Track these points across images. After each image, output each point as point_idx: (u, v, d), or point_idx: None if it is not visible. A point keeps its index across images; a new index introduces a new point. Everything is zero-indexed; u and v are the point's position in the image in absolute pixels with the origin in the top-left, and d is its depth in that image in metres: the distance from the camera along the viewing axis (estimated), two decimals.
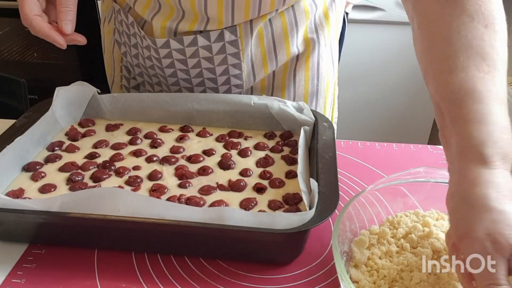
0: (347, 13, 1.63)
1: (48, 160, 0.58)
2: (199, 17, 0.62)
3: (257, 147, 0.62)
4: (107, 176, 0.56)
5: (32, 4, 0.54)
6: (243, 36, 0.64)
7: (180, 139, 0.63)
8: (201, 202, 0.51)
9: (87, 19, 1.63)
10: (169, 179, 0.55)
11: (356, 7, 1.59)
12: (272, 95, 0.71)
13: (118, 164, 0.58)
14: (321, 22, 0.71)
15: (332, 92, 0.79)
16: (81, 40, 0.58)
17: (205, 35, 0.63)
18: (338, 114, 0.86)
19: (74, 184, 0.54)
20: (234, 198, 0.52)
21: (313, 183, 0.49)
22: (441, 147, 0.69)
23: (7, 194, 0.51)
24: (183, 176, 0.56)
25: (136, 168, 0.57)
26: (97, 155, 0.60)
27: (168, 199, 0.51)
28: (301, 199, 0.51)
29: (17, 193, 0.52)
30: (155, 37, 0.64)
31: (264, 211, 0.50)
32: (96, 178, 0.55)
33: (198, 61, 0.65)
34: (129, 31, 0.69)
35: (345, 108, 1.32)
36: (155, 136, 0.64)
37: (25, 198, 0.52)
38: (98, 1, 1.59)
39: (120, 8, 0.69)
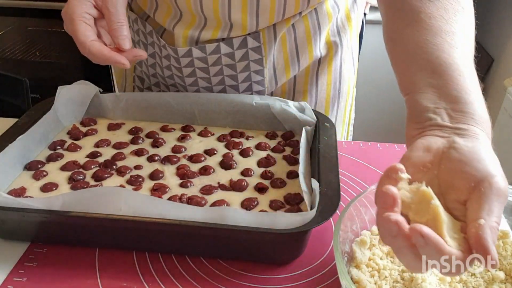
0: (365, 14, 1.63)
1: (50, 159, 0.58)
2: (222, 24, 0.61)
3: (259, 147, 0.62)
4: (108, 175, 0.56)
5: (86, 30, 0.51)
6: (266, 42, 0.64)
7: (182, 138, 0.63)
8: (202, 202, 0.51)
9: None
10: (170, 178, 0.55)
11: (371, 7, 1.59)
12: (293, 100, 0.71)
13: (119, 163, 0.58)
14: (343, 24, 0.70)
15: (352, 95, 0.79)
16: (143, 55, 0.55)
17: (228, 42, 0.63)
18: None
19: (75, 183, 0.54)
20: (235, 198, 0.52)
21: (315, 183, 0.49)
22: None
23: (9, 193, 0.51)
24: (184, 176, 0.56)
25: (137, 167, 0.57)
26: (98, 154, 0.60)
27: (170, 199, 0.51)
28: (302, 199, 0.51)
29: (19, 192, 0.52)
30: (176, 46, 0.64)
31: (265, 211, 0.50)
32: (97, 177, 0.55)
33: (220, 69, 0.65)
34: (146, 41, 0.68)
35: None
36: (156, 135, 0.64)
37: (26, 197, 0.52)
38: None
39: (137, 17, 0.68)
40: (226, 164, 0.58)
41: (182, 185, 0.54)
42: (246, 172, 0.56)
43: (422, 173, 0.36)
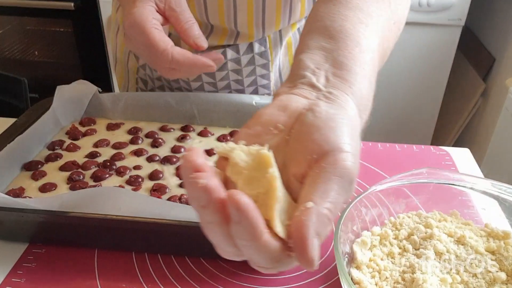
0: None
1: (48, 159, 0.58)
2: (228, 32, 0.61)
3: None
4: (107, 175, 0.55)
5: (163, 37, 0.44)
6: (272, 46, 0.63)
7: (181, 138, 0.63)
8: None
9: (89, 19, 1.63)
10: (170, 178, 0.55)
11: None
12: None
13: (118, 164, 0.58)
14: None
15: None
16: (221, 58, 0.49)
17: (234, 47, 0.62)
18: None
19: (74, 183, 0.54)
20: None
21: None
22: (444, 148, 0.69)
23: (7, 193, 0.51)
24: None
25: (136, 167, 0.57)
26: (97, 154, 0.59)
27: (169, 199, 0.51)
28: None
29: (18, 192, 0.52)
30: None
31: None
32: (96, 178, 0.55)
33: (227, 74, 0.64)
34: None
35: None
36: (156, 135, 0.64)
37: (25, 197, 0.51)
38: (99, 3, 1.59)
39: None
40: None
41: (181, 186, 0.54)
42: None
43: (271, 135, 0.29)
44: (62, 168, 0.56)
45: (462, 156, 0.67)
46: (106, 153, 0.60)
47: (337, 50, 0.34)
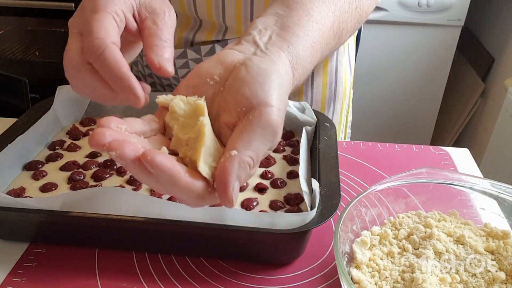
0: None
1: (49, 159, 0.58)
2: (217, 26, 0.61)
3: None
4: (108, 175, 0.55)
5: (110, 26, 0.35)
6: None
7: None
8: None
9: None
10: None
11: None
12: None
13: (119, 163, 0.58)
14: None
15: (348, 96, 0.79)
16: (148, 90, 0.39)
17: (223, 43, 0.62)
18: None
19: (75, 183, 0.54)
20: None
21: (315, 184, 0.48)
22: (444, 148, 0.69)
23: (8, 193, 0.51)
24: None
25: None
26: (98, 154, 0.59)
27: (169, 199, 0.51)
28: (302, 200, 0.51)
29: (18, 192, 0.52)
30: None
31: (265, 211, 0.50)
32: (97, 177, 0.55)
33: None
34: None
35: None
36: None
37: (26, 197, 0.51)
38: None
39: None
40: None
41: None
42: None
43: (207, 86, 0.32)
44: (63, 168, 0.57)
45: (461, 156, 0.68)
46: (106, 153, 0.60)
47: (288, 16, 0.37)
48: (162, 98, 0.33)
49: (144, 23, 0.38)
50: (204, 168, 0.28)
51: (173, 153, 0.31)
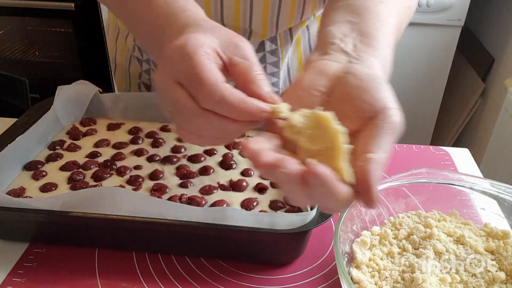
0: None
1: (49, 159, 0.58)
2: (241, 31, 0.61)
3: None
4: (108, 175, 0.55)
5: (213, 68, 0.33)
6: (283, 44, 0.63)
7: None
8: (202, 202, 0.51)
9: (90, 19, 1.63)
10: (170, 178, 0.55)
11: None
12: None
13: (119, 163, 0.58)
14: None
15: None
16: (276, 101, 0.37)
17: None
18: None
19: (75, 183, 0.54)
20: (235, 198, 0.52)
21: None
22: (444, 148, 0.69)
23: (8, 193, 0.51)
24: (184, 176, 0.55)
25: (137, 167, 0.57)
26: (98, 154, 0.60)
27: (169, 199, 0.51)
28: None
29: (18, 192, 0.52)
30: None
31: (265, 211, 0.50)
32: (97, 177, 0.55)
33: None
34: None
35: None
36: (156, 135, 0.64)
37: (26, 197, 0.51)
38: (101, 4, 1.60)
39: None
40: (226, 164, 0.58)
41: (182, 185, 0.54)
42: (246, 172, 0.56)
43: (313, 98, 0.33)
44: (63, 168, 0.57)
45: (461, 156, 0.68)
46: (106, 153, 0.60)
47: (361, 23, 0.38)
48: (284, 114, 0.32)
49: (233, 59, 0.35)
50: (349, 173, 0.29)
51: None
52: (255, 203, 0.51)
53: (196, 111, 0.33)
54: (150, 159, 0.59)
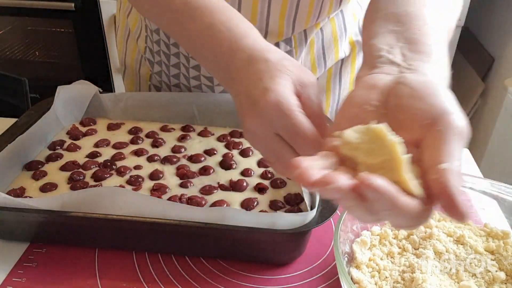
0: None
1: (49, 159, 0.58)
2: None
3: None
4: (108, 175, 0.55)
5: (308, 123, 0.36)
6: (297, 46, 0.63)
7: (182, 138, 0.63)
8: (202, 202, 0.51)
9: (90, 19, 1.63)
10: (170, 178, 0.55)
11: None
12: None
13: (119, 164, 0.58)
14: None
15: None
16: None
17: None
18: None
19: (75, 183, 0.54)
20: (235, 198, 0.52)
21: None
22: None
23: (8, 193, 0.51)
24: (184, 176, 0.55)
25: (137, 167, 0.57)
26: (98, 154, 0.60)
27: (169, 199, 0.51)
28: (302, 200, 0.51)
29: (18, 192, 0.52)
30: None
31: (265, 211, 0.50)
32: (97, 177, 0.55)
33: None
34: (169, 51, 0.66)
35: None
36: (156, 135, 0.64)
37: (26, 197, 0.51)
38: (100, 3, 1.60)
39: (158, 27, 0.65)
40: (226, 164, 0.58)
41: (182, 185, 0.54)
42: (246, 172, 0.56)
43: (368, 113, 0.32)
44: (63, 168, 0.57)
45: None
46: (106, 153, 0.60)
47: (407, 30, 0.36)
48: (336, 133, 0.31)
49: (305, 102, 0.37)
50: (414, 184, 0.27)
51: None
52: (255, 203, 0.51)
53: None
54: (150, 159, 0.59)
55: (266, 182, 0.55)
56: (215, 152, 0.61)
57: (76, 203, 0.45)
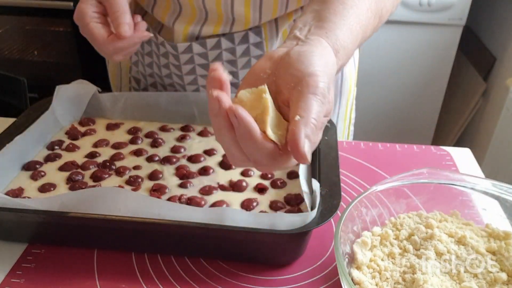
0: None
1: (48, 159, 0.58)
2: (224, 18, 0.61)
3: None
4: (107, 175, 0.55)
5: (101, 30, 0.52)
6: (268, 38, 0.63)
7: (181, 138, 0.63)
8: (202, 202, 0.51)
9: None
10: (169, 179, 0.55)
11: None
12: None
13: (118, 164, 0.57)
14: None
15: (352, 92, 0.78)
16: (146, 35, 0.55)
17: (229, 37, 0.62)
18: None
19: (74, 184, 0.53)
20: (235, 198, 0.52)
21: (315, 184, 0.48)
22: (445, 148, 0.69)
23: (7, 193, 0.51)
24: (183, 176, 0.55)
25: (136, 167, 0.57)
26: (97, 154, 0.59)
27: (169, 199, 0.51)
28: (302, 200, 0.51)
29: (17, 192, 0.52)
30: (175, 43, 0.63)
31: (265, 211, 0.50)
32: (96, 178, 0.55)
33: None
34: None
35: None
36: (155, 135, 0.64)
37: (24, 197, 0.51)
38: None
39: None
40: (225, 164, 0.57)
41: (181, 186, 0.54)
42: (246, 173, 0.56)
43: (261, 80, 0.38)
44: (62, 168, 0.56)
45: (462, 156, 0.67)
46: (105, 153, 0.60)
47: (324, 9, 0.42)
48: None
49: (103, 4, 0.53)
50: (271, 133, 0.34)
51: None
52: (255, 204, 0.51)
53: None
54: (150, 159, 0.59)
55: (266, 183, 0.54)
56: (215, 152, 0.60)
57: (75, 203, 0.45)
